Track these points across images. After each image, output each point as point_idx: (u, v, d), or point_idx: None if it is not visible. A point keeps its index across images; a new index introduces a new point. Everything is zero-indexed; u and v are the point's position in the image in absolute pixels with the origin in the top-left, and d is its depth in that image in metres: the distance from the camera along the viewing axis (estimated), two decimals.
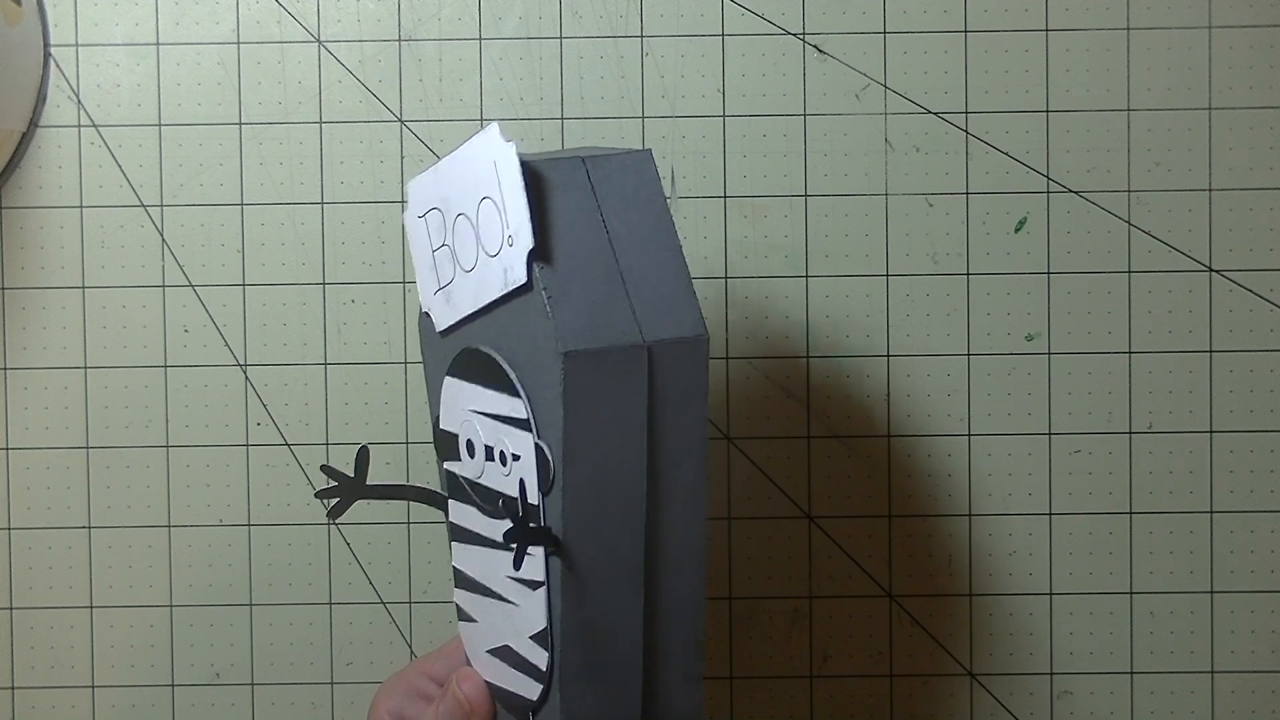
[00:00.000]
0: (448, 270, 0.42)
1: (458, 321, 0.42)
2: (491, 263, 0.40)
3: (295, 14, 0.58)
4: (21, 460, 0.58)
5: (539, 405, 0.40)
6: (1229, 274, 0.58)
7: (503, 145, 0.40)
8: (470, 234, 0.41)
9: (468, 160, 0.41)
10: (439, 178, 0.42)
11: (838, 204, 0.58)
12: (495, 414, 0.41)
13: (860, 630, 0.58)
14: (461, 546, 0.44)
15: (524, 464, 0.40)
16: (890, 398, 0.58)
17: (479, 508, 0.43)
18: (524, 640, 0.42)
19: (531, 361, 0.40)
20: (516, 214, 0.39)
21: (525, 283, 0.39)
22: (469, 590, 0.44)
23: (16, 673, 0.58)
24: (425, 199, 0.43)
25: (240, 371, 0.58)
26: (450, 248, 0.42)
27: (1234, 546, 0.58)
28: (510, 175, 0.39)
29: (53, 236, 0.58)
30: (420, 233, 0.43)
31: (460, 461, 0.43)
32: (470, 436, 0.42)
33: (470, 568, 0.44)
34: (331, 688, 0.58)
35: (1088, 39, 0.57)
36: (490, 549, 0.42)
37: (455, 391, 0.43)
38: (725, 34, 0.58)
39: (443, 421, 0.43)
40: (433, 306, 0.43)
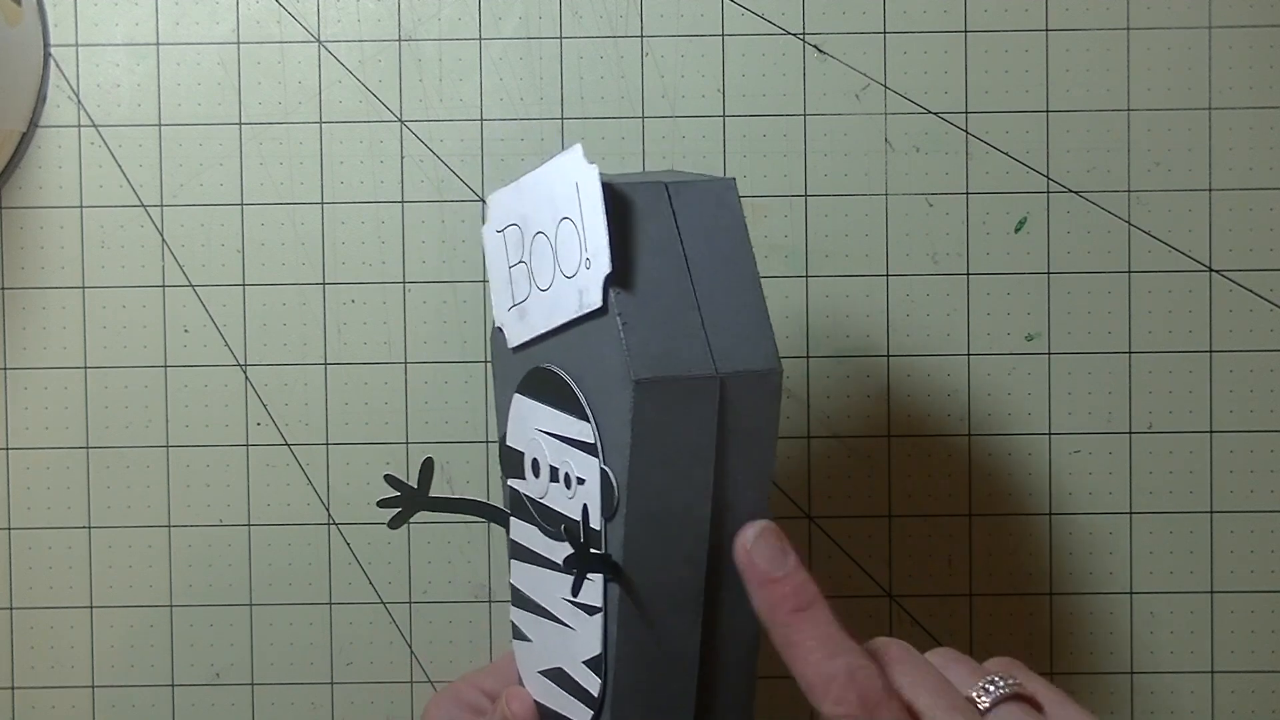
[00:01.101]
0: (523, 287, 0.42)
1: (530, 340, 0.42)
2: (567, 284, 0.40)
3: (295, 14, 0.58)
4: (21, 460, 0.58)
5: (607, 430, 0.39)
6: (1229, 274, 0.58)
7: (586, 167, 0.39)
8: (548, 253, 0.41)
9: (549, 179, 0.41)
10: (520, 194, 0.42)
11: (838, 204, 0.58)
12: (563, 435, 0.41)
13: (860, 630, 0.58)
14: (521, 565, 0.44)
15: (589, 488, 0.40)
16: (890, 398, 0.58)
17: (541, 528, 0.42)
18: (578, 664, 0.41)
19: (601, 386, 0.39)
20: (596, 237, 0.39)
21: (600, 307, 0.39)
22: (525, 609, 0.44)
23: (16, 673, 0.58)
24: (505, 214, 0.43)
25: (240, 371, 0.58)
26: (527, 265, 0.42)
27: (1234, 546, 0.58)
28: (591, 197, 0.39)
29: (53, 236, 0.58)
30: (498, 247, 0.43)
31: (525, 480, 0.43)
32: (536, 456, 0.42)
33: (528, 587, 0.43)
34: (331, 688, 0.58)
35: (1088, 39, 0.57)
36: (549, 570, 0.42)
37: (524, 409, 0.42)
38: (725, 34, 0.58)
39: (510, 438, 0.43)
40: (506, 322, 0.43)
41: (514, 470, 0.43)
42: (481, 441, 0.58)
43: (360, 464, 0.58)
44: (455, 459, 0.58)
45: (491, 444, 0.58)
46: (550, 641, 0.43)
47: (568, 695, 0.42)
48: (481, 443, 0.58)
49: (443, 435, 0.58)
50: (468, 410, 0.58)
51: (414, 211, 0.58)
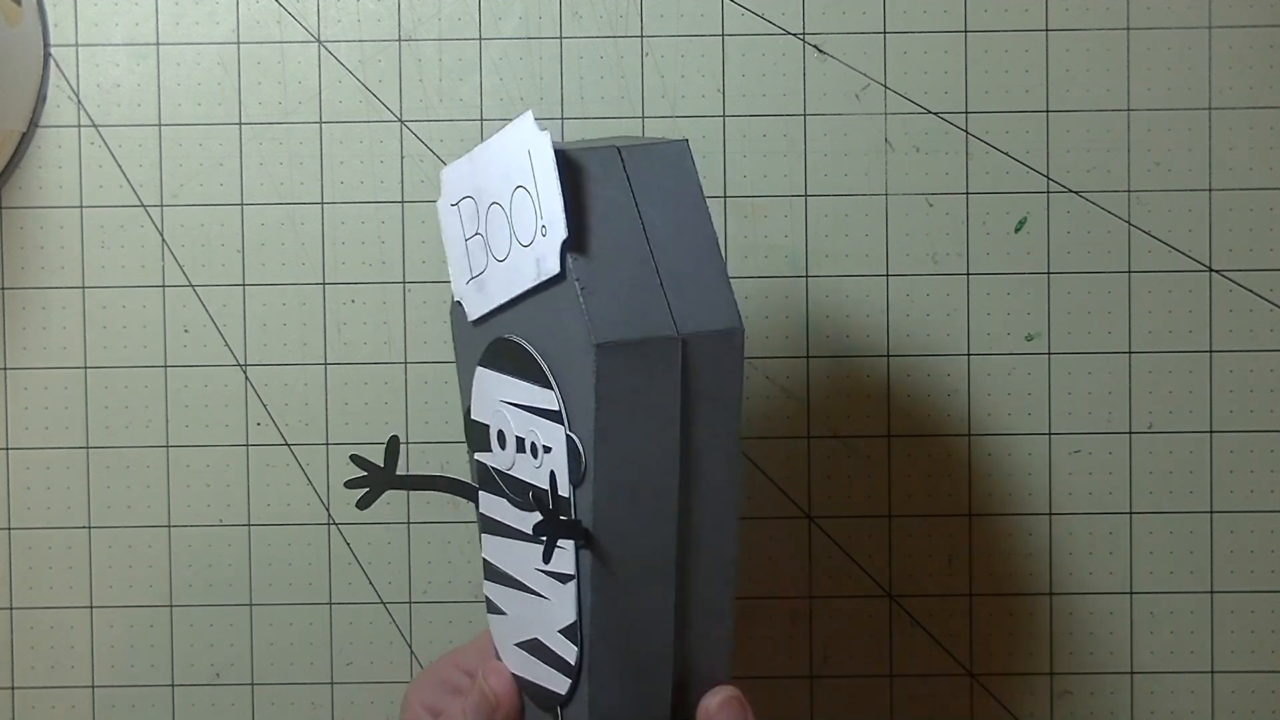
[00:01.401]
0: (480, 259, 0.42)
1: (490, 311, 0.42)
2: (524, 252, 0.40)
3: (295, 14, 0.58)
4: (21, 460, 0.58)
5: (571, 397, 0.39)
6: (1229, 274, 0.58)
7: (537, 134, 0.39)
8: (504, 223, 0.41)
9: (501, 149, 0.40)
10: (473, 166, 0.42)
11: (838, 204, 0.58)
12: (527, 405, 0.41)
13: (860, 630, 0.58)
14: (492, 538, 0.43)
15: (555, 456, 0.40)
16: (890, 398, 0.58)
17: (509, 499, 0.42)
18: (553, 634, 0.41)
19: (564, 352, 0.39)
20: (550, 204, 0.39)
21: (558, 273, 0.39)
22: (498, 583, 0.44)
23: (16, 673, 0.58)
24: (459, 187, 0.42)
25: (240, 371, 0.58)
26: (483, 236, 0.41)
27: (1234, 546, 0.58)
28: (545, 164, 0.39)
29: (53, 236, 0.58)
30: (453, 221, 0.43)
31: (491, 452, 0.42)
32: (501, 427, 0.42)
33: (500, 560, 0.43)
34: (331, 688, 0.58)
35: (1088, 39, 0.57)
36: (520, 541, 0.42)
37: (487, 382, 0.42)
38: (725, 34, 0.58)
39: (474, 412, 0.43)
40: (465, 295, 0.43)
41: (480, 444, 0.43)
42: None
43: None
44: (455, 459, 0.58)
45: None
46: (525, 613, 0.43)
47: (545, 665, 0.42)
48: None
49: (443, 435, 0.58)
50: None
51: (414, 211, 0.58)
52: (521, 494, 0.41)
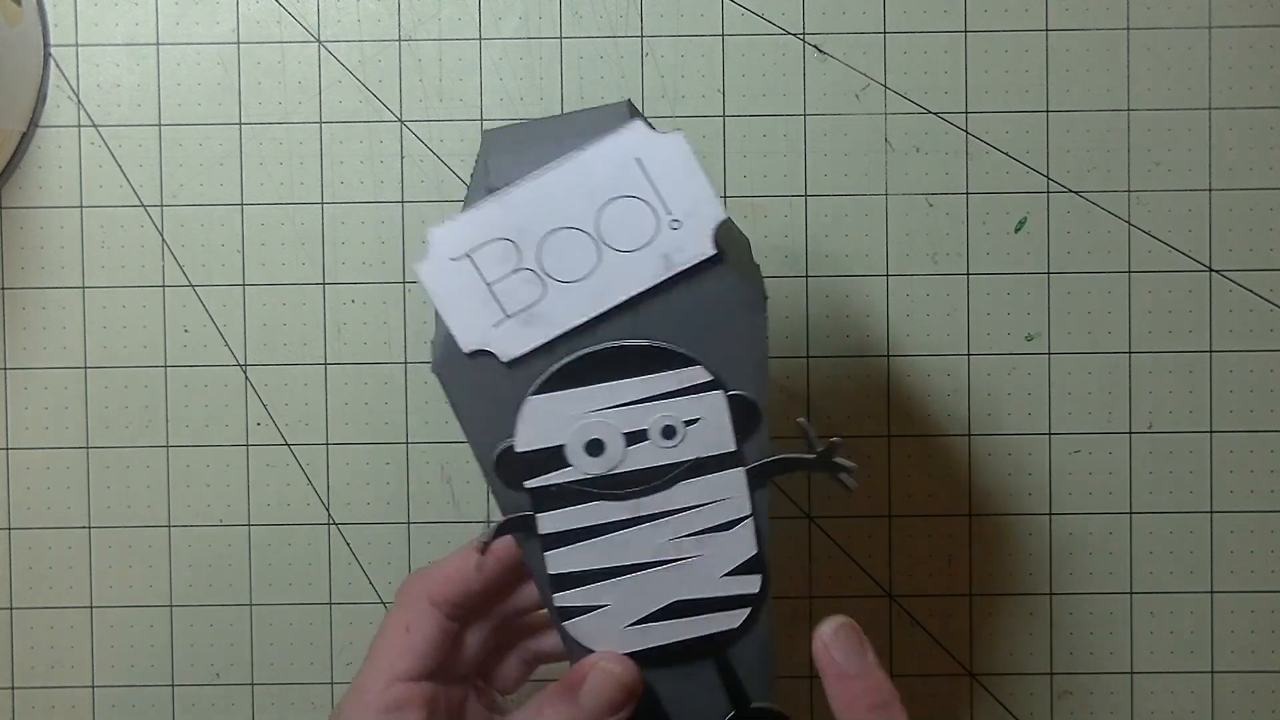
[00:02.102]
0: (527, 293, 0.43)
1: (555, 337, 0.44)
2: (633, 257, 0.43)
3: (295, 14, 0.58)
4: (21, 460, 0.58)
5: (725, 363, 0.44)
6: (1229, 274, 0.58)
7: (659, 138, 0.42)
8: (579, 244, 0.43)
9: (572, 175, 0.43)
10: (506, 209, 0.43)
11: (838, 204, 0.58)
12: (651, 395, 0.44)
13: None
14: (571, 549, 0.46)
15: (706, 424, 0.44)
16: (890, 398, 0.58)
17: (614, 497, 0.45)
18: (716, 581, 0.45)
19: (711, 326, 0.43)
20: (693, 193, 0.42)
21: (714, 254, 0.43)
22: (589, 584, 0.46)
23: (16, 673, 0.58)
24: (469, 238, 0.44)
25: (240, 371, 0.58)
26: (535, 270, 0.43)
27: (1234, 546, 0.58)
28: (679, 160, 0.42)
29: (53, 236, 0.58)
30: (460, 274, 0.44)
31: (566, 469, 0.45)
32: (594, 436, 0.44)
33: (592, 562, 0.46)
34: (331, 688, 0.58)
35: (1088, 39, 0.57)
36: (637, 527, 0.45)
37: (557, 404, 0.44)
38: (725, 34, 0.58)
39: (526, 444, 0.45)
40: (493, 340, 0.44)
41: (534, 471, 0.45)
42: None
43: (360, 464, 0.58)
44: (455, 459, 0.58)
45: None
46: (650, 588, 0.46)
47: (698, 618, 0.46)
48: None
49: (443, 435, 0.58)
50: None
51: (414, 211, 0.58)
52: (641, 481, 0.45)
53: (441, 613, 0.47)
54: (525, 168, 0.43)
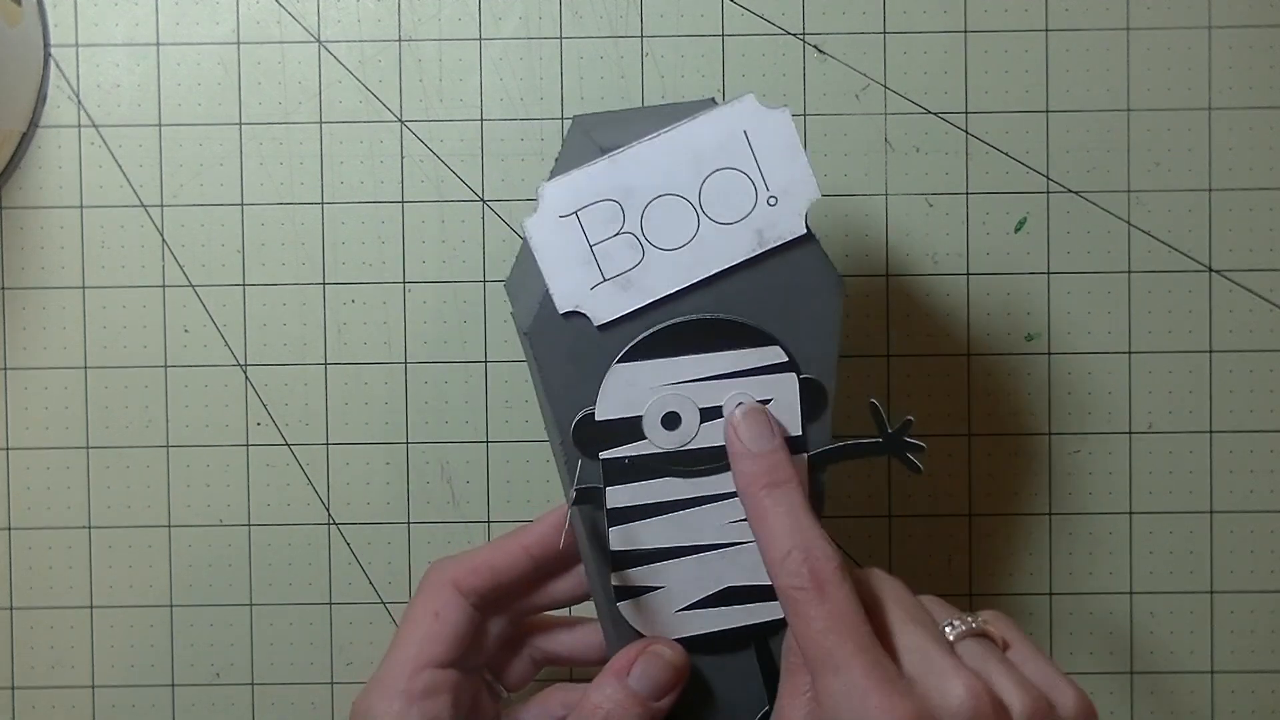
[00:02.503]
0: (625, 258, 0.44)
1: (647, 304, 0.45)
2: (729, 229, 0.44)
3: (295, 14, 0.58)
4: (21, 460, 0.58)
5: (800, 344, 0.45)
6: (1229, 274, 0.58)
7: (767, 112, 0.44)
8: (680, 211, 0.44)
9: (683, 142, 0.44)
10: (617, 169, 0.44)
11: (838, 204, 0.58)
12: (729, 371, 0.45)
13: None
14: (638, 525, 0.46)
15: (776, 405, 0.45)
16: (891, 398, 0.58)
17: (682, 474, 0.46)
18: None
19: (791, 307, 0.44)
20: (792, 172, 0.44)
21: (805, 233, 0.44)
22: (652, 562, 0.46)
23: (16, 673, 0.58)
24: (579, 196, 0.44)
25: (240, 371, 0.58)
26: (636, 234, 0.44)
27: (1234, 546, 0.58)
28: (784, 138, 0.44)
29: (53, 236, 0.58)
30: (565, 232, 0.44)
31: (641, 441, 0.45)
32: (671, 409, 0.45)
33: (655, 539, 0.46)
34: (331, 688, 0.58)
35: (1088, 39, 0.57)
36: (700, 507, 0.46)
37: (638, 374, 0.45)
38: (725, 34, 0.58)
39: (607, 412, 0.45)
40: (588, 302, 0.44)
41: (610, 441, 0.45)
42: (481, 441, 0.58)
43: (360, 464, 0.58)
44: (455, 459, 0.58)
45: (493, 444, 0.58)
46: (704, 573, 0.46)
47: (743, 607, 0.46)
48: (481, 443, 0.58)
49: (443, 435, 0.58)
50: (468, 410, 0.58)
51: (414, 211, 0.58)
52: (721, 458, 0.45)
53: (468, 601, 0.48)
54: (633, 136, 0.44)
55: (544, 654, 0.51)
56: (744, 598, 0.46)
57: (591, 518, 0.46)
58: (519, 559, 0.48)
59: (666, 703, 0.46)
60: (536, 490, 0.58)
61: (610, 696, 0.45)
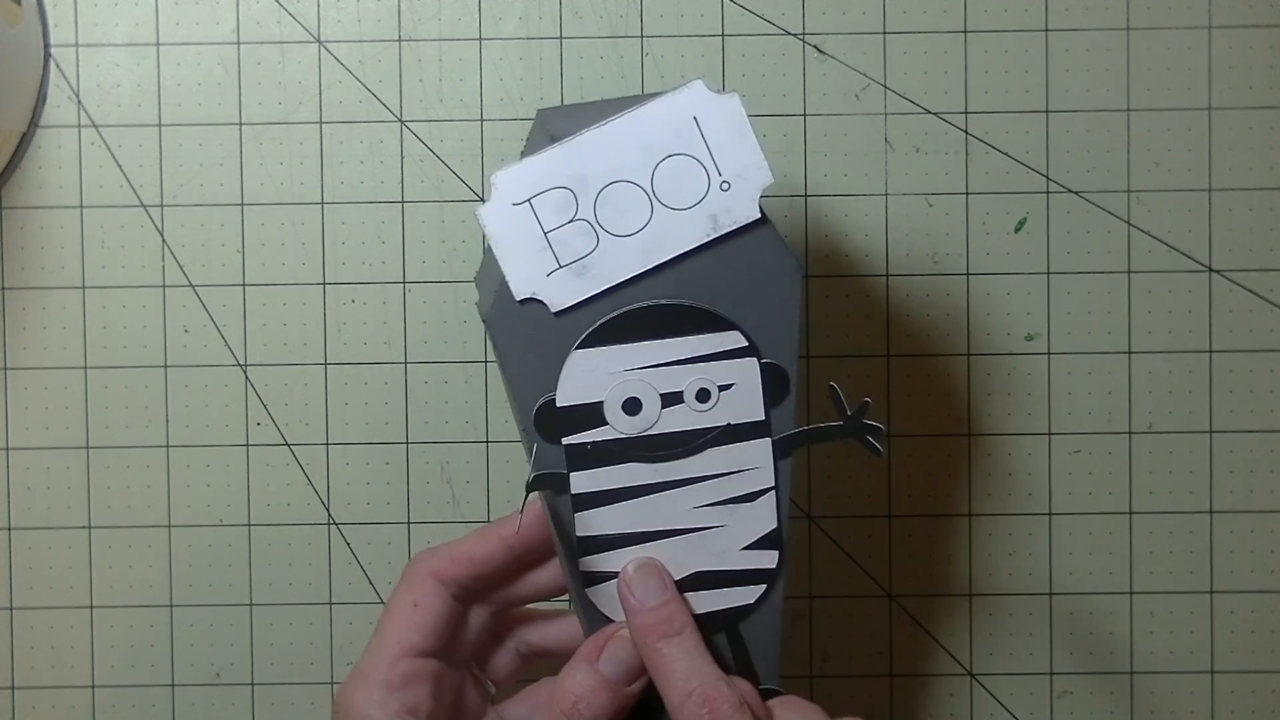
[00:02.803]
0: (579, 245, 0.44)
1: (603, 290, 0.45)
2: (683, 215, 0.44)
3: (295, 14, 0.58)
4: (21, 460, 0.58)
5: (762, 329, 0.45)
6: (1229, 274, 0.58)
7: (714, 98, 0.44)
8: (633, 198, 0.44)
9: (633, 129, 0.44)
10: (570, 156, 0.44)
11: (838, 204, 0.58)
12: (690, 356, 0.45)
13: (860, 630, 0.58)
14: (600, 511, 0.46)
15: (738, 390, 0.45)
16: (890, 397, 0.58)
17: (645, 459, 0.46)
18: (735, 554, 0.46)
19: (750, 292, 0.45)
20: (744, 156, 0.44)
21: (759, 218, 0.44)
22: (621, 547, 0.47)
23: (16, 673, 0.58)
24: (530, 185, 0.45)
25: (240, 371, 0.58)
26: (590, 221, 0.44)
27: (1234, 546, 0.58)
28: (734, 122, 0.44)
29: (53, 236, 0.58)
30: (517, 220, 0.45)
31: (602, 427, 0.46)
32: (634, 394, 0.45)
33: (631, 523, 0.46)
34: (331, 688, 0.58)
35: (1088, 39, 0.57)
36: (665, 492, 0.46)
37: (600, 359, 0.45)
38: (725, 34, 0.58)
39: (567, 397, 0.45)
40: (544, 289, 0.45)
41: (576, 426, 0.45)
42: (481, 441, 0.58)
43: (360, 464, 0.58)
44: (455, 459, 0.58)
45: (493, 444, 0.58)
46: (674, 557, 0.46)
47: (720, 590, 0.46)
48: (481, 443, 0.58)
49: (443, 435, 0.58)
50: (468, 410, 0.58)
51: (414, 211, 0.58)
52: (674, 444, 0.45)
53: (448, 591, 0.48)
54: (586, 125, 0.44)
55: (529, 646, 0.51)
56: (713, 583, 0.46)
57: (555, 504, 0.46)
58: (497, 549, 0.48)
59: (638, 687, 0.46)
60: None
61: (581, 682, 0.45)
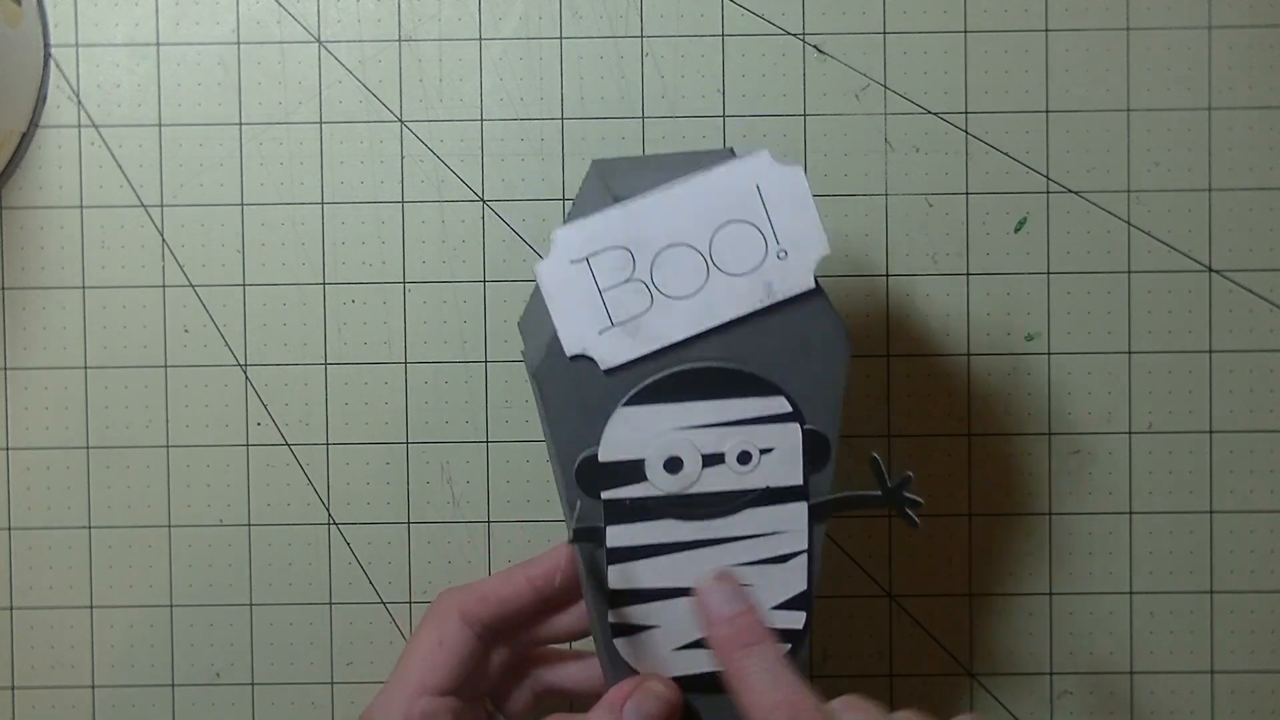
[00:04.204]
0: (636, 304, 0.45)
1: (654, 351, 0.45)
2: (738, 281, 0.45)
3: (295, 14, 0.58)
4: (21, 460, 0.58)
5: (805, 396, 0.45)
6: (1229, 274, 0.58)
7: (781, 168, 0.44)
8: (691, 261, 0.45)
9: (695, 194, 0.45)
10: (630, 217, 0.45)
11: (838, 204, 0.58)
12: (734, 419, 0.46)
13: (860, 630, 0.58)
14: (635, 565, 0.47)
15: (779, 455, 0.46)
16: (890, 397, 0.58)
17: (682, 516, 0.46)
18: (764, 613, 0.46)
19: (797, 358, 0.45)
20: (803, 226, 0.45)
21: (814, 288, 0.45)
22: (649, 601, 0.47)
23: (16, 673, 0.58)
24: (589, 243, 0.45)
25: (240, 371, 0.58)
26: (645, 282, 0.45)
27: (1234, 546, 0.58)
28: (797, 193, 0.45)
29: (53, 236, 0.58)
30: (576, 277, 0.45)
31: (643, 483, 0.46)
32: (674, 453, 0.46)
33: (652, 580, 0.47)
34: (331, 688, 0.58)
35: (1088, 39, 0.57)
36: (700, 549, 0.46)
37: (644, 417, 0.46)
38: (725, 34, 0.58)
39: (609, 454, 0.46)
40: (596, 346, 0.45)
41: (617, 481, 0.46)
42: (481, 441, 0.58)
43: (360, 464, 0.58)
44: (455, 459, 0.58)
45: (493, 444, 0.58)
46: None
47: None
48: (481, 443, 0.58)
49: (443, 435, 0.58)
50: (468, 410, 0.58)
51: (414, 211, 0.58)
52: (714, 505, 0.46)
53: (473, 631, 0.48)
54: (649, 184, 0.45)
55: (545, 685, 0.52)
56: None
57: (591, 556, 0.46)
58: (524, 591, 0.49)
59: None
60: (536, 490, 0.58)
61: None
